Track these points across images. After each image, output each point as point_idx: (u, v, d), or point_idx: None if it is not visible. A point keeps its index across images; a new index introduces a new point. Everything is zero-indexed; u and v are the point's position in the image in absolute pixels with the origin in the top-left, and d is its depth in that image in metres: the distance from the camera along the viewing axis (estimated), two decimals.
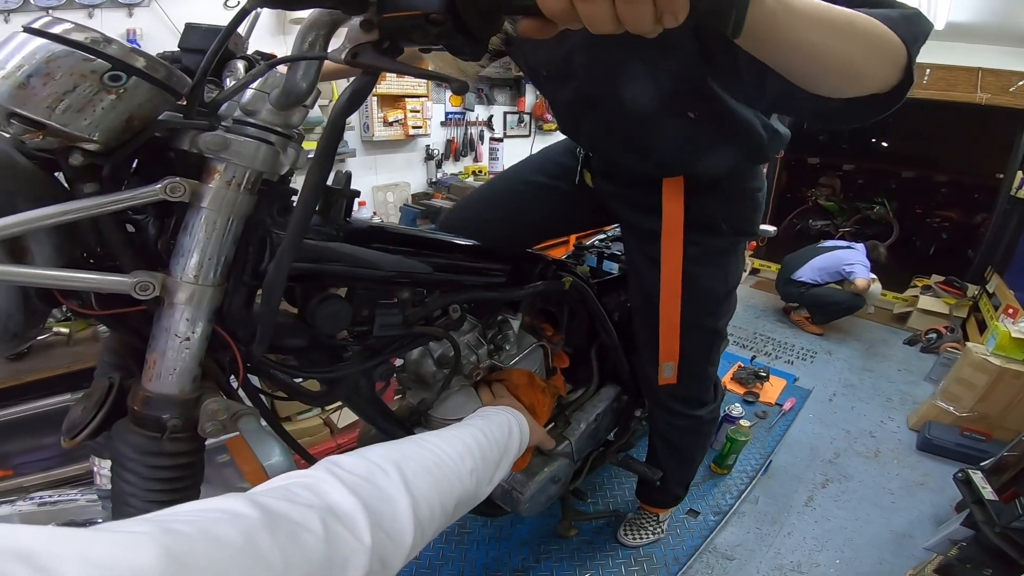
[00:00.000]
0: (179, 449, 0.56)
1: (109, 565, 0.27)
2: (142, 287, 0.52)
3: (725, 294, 1.19)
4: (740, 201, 1.09)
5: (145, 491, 0.55)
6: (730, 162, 1.00)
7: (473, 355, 1.00)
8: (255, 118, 0.57)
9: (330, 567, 0.40)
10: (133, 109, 0.47)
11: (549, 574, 1.64)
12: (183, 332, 0.55)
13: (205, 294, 0.55)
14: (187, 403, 0.56)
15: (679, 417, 1.37)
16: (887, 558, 1.76)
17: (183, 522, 0.34)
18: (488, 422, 0.79)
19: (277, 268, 0.56)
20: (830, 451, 2.32)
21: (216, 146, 0.52)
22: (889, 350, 3.37)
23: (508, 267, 1.04)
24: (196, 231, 0.54)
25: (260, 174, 0.57)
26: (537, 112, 3.98)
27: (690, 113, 0.88)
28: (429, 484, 0.56)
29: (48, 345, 1.61)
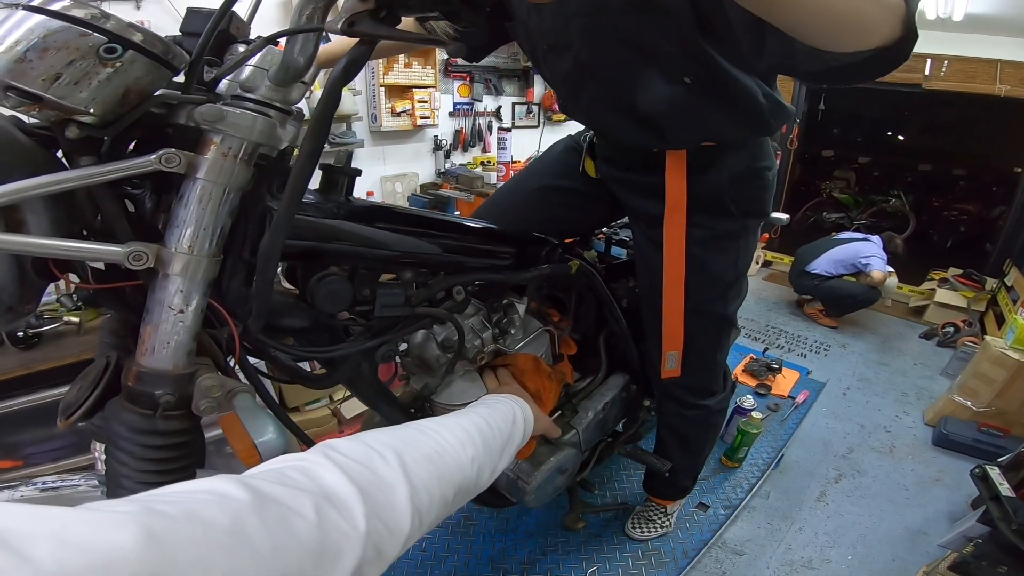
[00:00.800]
0: (173, 427, 0.55)
1: (83, 545, 0.26)
2: (135, 257, 0.51)
3: (735, 279, 1.16)
4: (747, 180, 1.06)
5: (138, 471, 0.54)
6: (730, 130, 0.97)
7: (477, 339, 0.98)
8: (254, 94, 0.57)
9: (322, 554, 0.38)
10: (129, 83, 0.47)
11: (555, 567, 1.62)
12: (177, 304, 0.54)
13: (200, 265, 0.54)
14: (181, 379, 0.55)
15: (687, 407, 1.34)
16: (901, 555, 1.73)
17: (168, 503, 0.33)
18: (491, 409, 0.77)
19: (272, 238, 0.55)
20: (844, 446, 2.28)
21: (211, 117, 0.52)
22: (905, 344, 3.31)
23: (513, 250, 1.02)
24: (191, 202, 0.53)
25: (257, 146, 0.56)
26: (546, 103, 3.95)
27: (686, 78, 0.87)
28: (428, 472, 0.54)
29: (59, 334, 1.63)
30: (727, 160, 1.03)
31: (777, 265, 4.55)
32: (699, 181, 1.03)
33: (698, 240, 1.07)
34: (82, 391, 0.58)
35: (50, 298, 1.71)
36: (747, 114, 0.93)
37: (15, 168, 0.46)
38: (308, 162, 0.53)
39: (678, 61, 0.85)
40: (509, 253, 1.02)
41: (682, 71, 0.86)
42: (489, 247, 0.98)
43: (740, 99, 0.90)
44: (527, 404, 0.86)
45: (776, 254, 4.61)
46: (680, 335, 1.16)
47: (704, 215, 1.06)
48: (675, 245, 1.07)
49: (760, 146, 1.07)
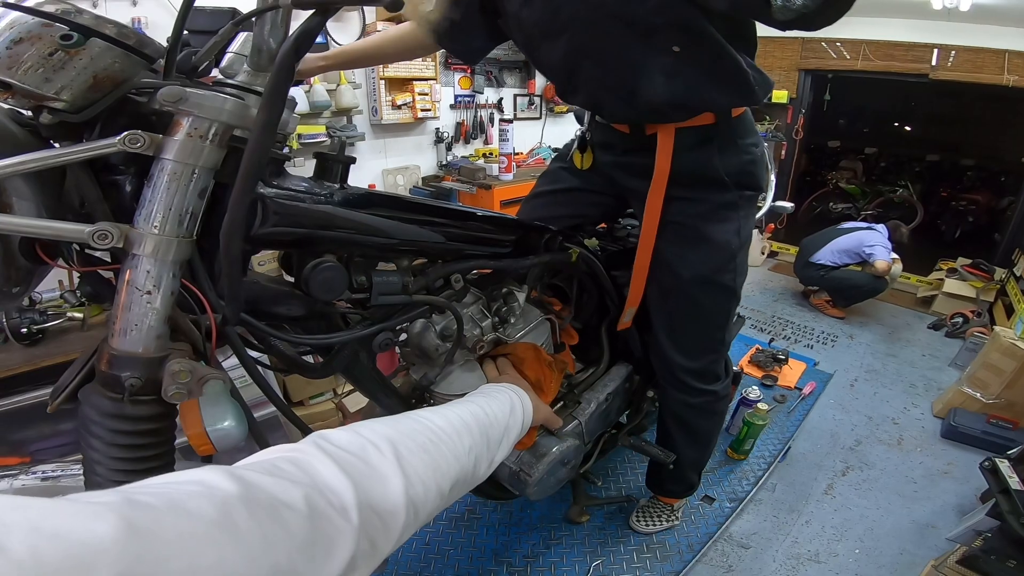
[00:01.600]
0: (141, 413, 0.54)
1: (60, 536, 0.24)
2: (100, 235, 0.50)
3: (739, 247, 1.19)
4: (736, 154, 1.10)
5: (110, 458, 0.53)
6: (719, 97, 1.01)
7: (477, 328, 0.97)
8: (234, 80, 0.58)
9: (313, 547, 0.37)
10: (98, 71, 0.49)
11: (559, 560, 1.62)
12: (145, 285, 0.53)
13: (170, 246, 0.53)
14: (150, 363, 0.54)
15: (693, 394, 1.33)
16: (908, 548, 1.71)
17: (153, 494, 0.31)
18: (488, 399, 0.75)
19: (231, 214, 0.54)
20: (851, 438, 2.26)
21: (172, 97, 0.52)
22: (913, 335, 3.28)
23: (513, 237, 1.00)
24: (159, 182, 0.53)
25: (229, 127, 0.56)
26: (548, 94, 3.93)
27: (674, 47, 0.90)
28: (424, 463, 0.53)
29: (62, 330, 1.63)
30: (714, 138, 1.07)
31: (783, 255, 4.53)
32: (691, 158, 1.08)
33: (698, 213, 1.12)
34: (69, 375, 0.57)
35: (54, 294, 1.71)
36: (733, 81, 0.96)
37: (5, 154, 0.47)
38: (262, 135, 0.52)
39: (665, 32, 0.88)
40: (508, 241, 1.00)
41: (670, 40, 0.89)
42: (488, 235, 0.97)
43: (726, 66, 0.94)
44: (526, 394, 0.85)
45: (781, 244, 4.59)
46: (640, 293, 1.23)
47: (700, 189, 1.11)
48: (652, 215, 1.12)
49: (744, 123, 1.12)
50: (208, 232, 0.58)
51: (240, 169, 0.53)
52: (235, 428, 0.50)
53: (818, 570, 1.63)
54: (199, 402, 0.52)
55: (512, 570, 1.59)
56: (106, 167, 0.56)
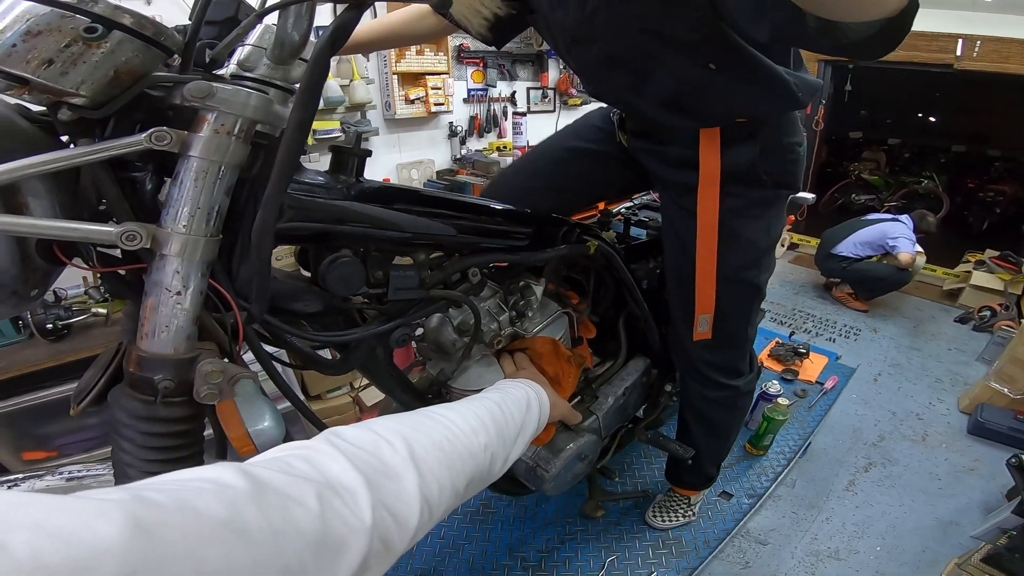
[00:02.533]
0: (174, 414, 0.54)
1: (63, 535, 0.24)
2: (128, 236, 0.49)
3: (768, 246, 1.17)
4: (779, 154, 1.07)
5: (142, 460, 0.53)
6: (761, 107, 0.98)
7: (494, 322, 0.96)
8: (253, 73, 0.56)
9: (324, 546, 0.36)
10: (118, 65, 0.47)
11: (574, 555, 1.61)
12: (175, 286, 0.52)
13: (198, 245, 0.53)
14: (181, 364, 0.53)
15: (714, 388, 1.31)
16: (931, 546, 1.68)
17: (161, 491, 0.31)
18: (505, 395, 0.74)
19: (263, 214, 0.53)
20: (874, 433, 2.21)
21: (200, 93, 0.50)
22: (939, 328, 3.19)
23: (530, 230, 0.99)
24: (186, 180, 0.52)
25: (253, 123, 0.55)
26: (561, 87, 3.90)
27: (711, 64, 0.86)
28: (439, 460, 0.52)
29: (87, 326, 1.65)
30: (759, 134, 1.04)
31: (803, 247, 4.45)
32: (732, 153, 1.04)
33: (732, 208, 1.09)
34: (92, 377, 0.57)
35: (78, 290, 1.74)
36: (775, 91, 0.92)
37: (15, 152, 0.46)
38: (296, 134, 0.51)
39: (701, 48, 0.84)
40: (526, 233, 0.99)
41: (706, 58, 0.85)
42: (505, 227, 0.95)
43: (766, 79, 0.89)
44: (543, 389, 0.84)
45: (802, 236, 4.51)
46: (712, 299, 1.17)
47: (739, 185, 1.07)
48: (709, 216, 1.08)
49: (790, 122, 1.08)
50: (226, 229, 0.58)
51: (274, 169, 0.52)
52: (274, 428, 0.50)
53: (837, 567, 1.61)
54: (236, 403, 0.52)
55: (527, 565, 1.58)
56: (121, 164, 0.55)
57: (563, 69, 3.88)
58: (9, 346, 1.56)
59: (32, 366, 1.49)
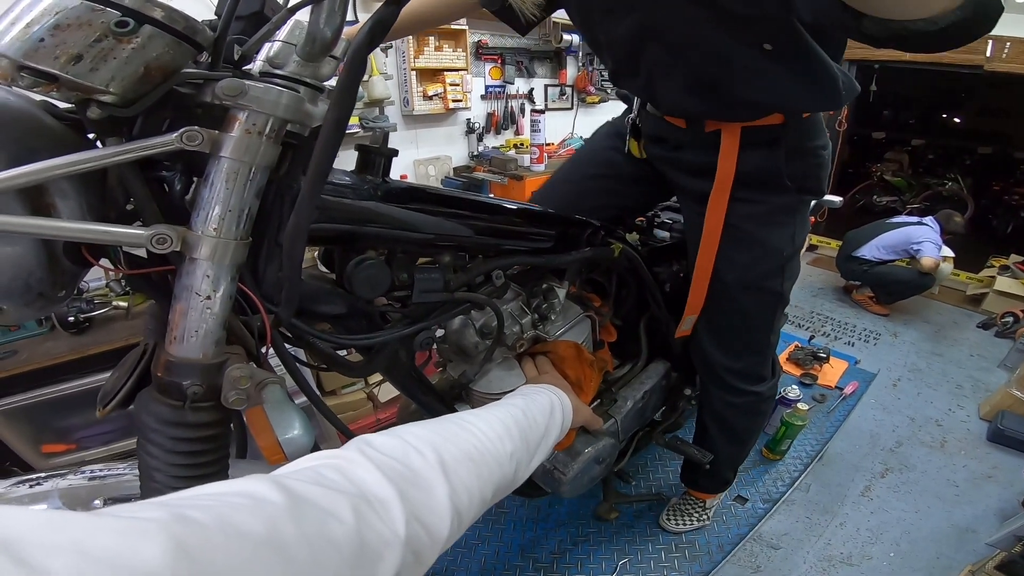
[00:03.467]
0: (202, 419, 0.53)
1: (107, 559, 0.23)
2: (159, 240, 0.49)
3: (791, 254, 1.13)
4: (803, 157, 1.03)
5: (169, 465, 0.53)
6: (803, 101, 0.93)
7: (516, 325, 0.95)
8: (283, 70, 0.54)
9: (360, 561, 0.35)
10: (149, 60, 0.45)
11: (586, 557, 1.61)
12: (204, 290, 0.51)
13: (228, 248, 0.52)
14: (210, 369, 0.53)
15: (736, 394, 1.29)
16: (946, 553, 1.65)
17: (200, 507, 0.30)
18: (529, 401, 0.73)
19: (297, 217, 0.52)
20: (892, 439, 2.18)
21: (232, 91, 0.49)
22: (961, 334, 3.13)
23: (554, 232, 0.98)
24: (216, 181, 0.51)
25: (284, 122, 0.53)
26: (579, 85, 3.88)
27: (766, 45, 0.81)
28: (469, 470, 0.51)
29: (108, 319, 1.66)
30: (782, 138, 1.00)
31: (823, 249, 4.39)
32: (755, 158, 1.01)
33: (755, 215, 1.06)
34: (119, 378, 0.57)
35: (100, 283, 1.75)
36: (823, 85, 0.87)
37: (43, 151, 0.45)
38: (333, 134, 0.50)
39: (758, 25, 0.78)
40: (550, 235, 0.97)
41: (762, 36, 0.80)
42: (529, 229, 0.94)
43: (816, 68, 0.84)
44: (566, 395, 0.83)
45: (822, 238, 4.45)
46: (701, 302, 1.17)
47: (761, 191, 1.04)
48: (715, 218, 1.06)
49: (815, 124, 1.04)
50: (252, 230, 0.57)
51: (310, 169, 0.51)
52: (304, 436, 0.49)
53: (850, 573, 1.59)
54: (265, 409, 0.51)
55: (539, 566, 1.58)
56: (149, 164, 0.54)
57: (582, 66, 3.85)
58: (30, 338, 1.57)
59: (53, 359, 1.50)
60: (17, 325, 1.56)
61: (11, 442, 1.53)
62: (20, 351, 1.52)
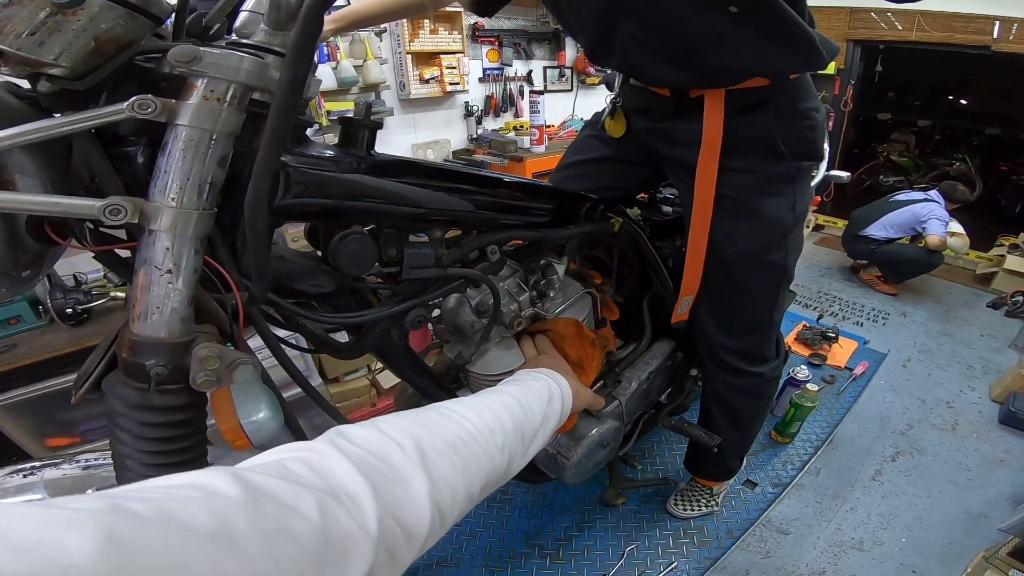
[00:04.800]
0: (169, 403, 0.50)
1: (28, 548, 0.21)
2: (112, 210, 0.45)
3: (792, 224, 1.08)
4: (794, 119, 0.99)
5: (140, 452, 0.50)
6: (780, 63, 0.90)
7: (514, 302, 0.91)
8: (250, 40, 0.53)
9: (325, 558, 0.33)
10: (99, 33, 0.44)
11: (592, 544, 1.59)
12: (164, 264, 0.48)
13: (189, 219, 0.48)
14: (175, 348, 0.49)
15: (737, 375, 1.25)
16: (958, 538, 1.62)
17: (143, 500, 0.28)
18: (525, 388, 0.69)
19: (255, 183, 0.49)
20: (902, 422, 2.14)
21: (184, 57, 0.46)
22: (971, 313, 3.08)
23: (552, 206, 0.94)
24: (174, 150, 0.48)
25: (248, 89, 0.50)
26: (579, 66, 3.83)
27: (731, 7, 0.78)
28: (452, 463, 0.48)
29: (106, 310, 1.65)
30: (771, 101, 0.97)
31: (829, 229, 4.36)
32: (744, 123, 0.97)
33: (749, 185, 1.01)
34: (91, 362, 0.54)
35: (98, 274, 1.74)
36: (797, 44, 0.85)
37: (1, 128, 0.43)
38: (288, 94, 0.46)
39: None
40: (547, 209, 0.94)
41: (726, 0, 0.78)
42: (526, 203, 0.90)
43: (788, 28, 0.82)
44: (566, 379, 0.79)
45: (828, 217, 4.42)
46: (698, 281, 1.13)
47: (753, 158, 1.00)
48: (705, 188, 1.02)
49: (804, 86, 1.01)
50: (227, 205, 0.54)
51: (265, 132, 0.47)
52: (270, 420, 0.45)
53: (860, 558, 1.56)
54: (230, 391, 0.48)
55: (544, 553, 1.56)
56: (116, 139, 0.52)
57: (580, 49, 3.79)
58: (30, 331, 1.56)
59: (53, 351, 1.49)
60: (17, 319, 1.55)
61: (15, 436, 1.52)
62: (19, 344, 1.51)
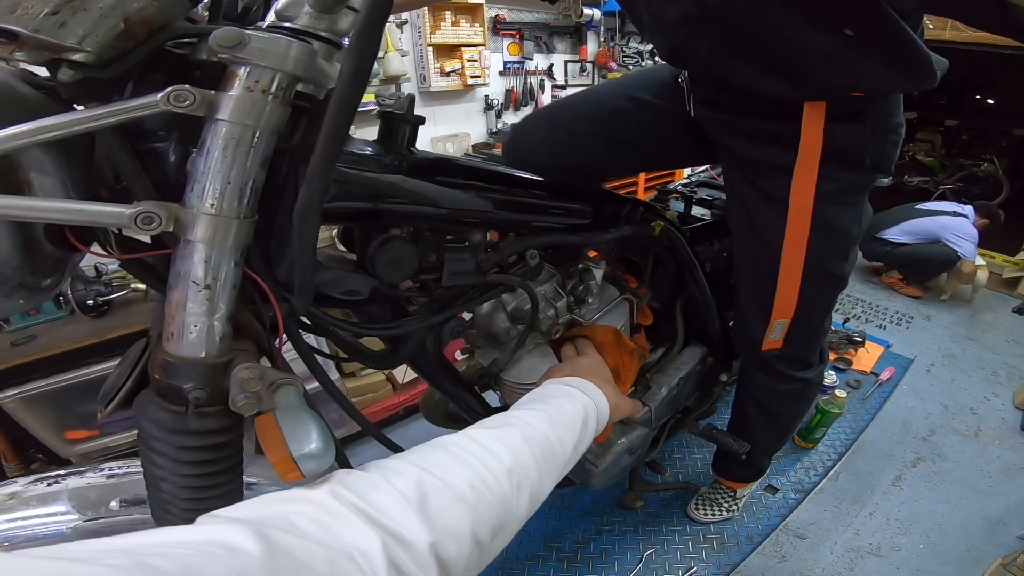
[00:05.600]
0: (208, 427, 0.46)
1: None
2: (144, 219, 0.41)
3: (858, 236, 1.04)
4: (883, 134, 0.94)
5: (176, 475, 0.46)
6: (891, 82, 0.83)
7: (551, 308, 0.88)
8: (293, 23, 0.46)
9: None
10: (130, 14, 0.39)
11: (611, 547, 1.57)
12: (202, 278, 0.44)
13: (229, 228, 0.44)
14: (214, 369, 0.45)
15: (783, 380, 1.22)
16: (976, 545, 1.59)
17: (167, 556, 0.28)
18: (555, 413, 0.62)
19: (309, 190, 0.44)
20: (924, 427, 2.09)
21: (228, 42, 0.41)
22: (996, 318, 3.01)
23: (591, 209, 0.90)
24: (213, 149, 0.43)
25: (294, 80, 0.45)
26: (600, 60, 3.77)
27: (847, 31, 0.72)
28: (458, 514, 0.44)
29: (127, 301, 1.65)
30: (868, 113, 0.90)
31: None
32: (841, 131, 0.90)
33: (824, 194, 0.95)
34: (120, 375, 0.50)
35: (116, 264, 1.73)
36: (910, 65, 0.79)
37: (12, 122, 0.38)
38: (350, 88, 0.40)
39: (838, 9, 0.71)
40: (587, 212, 0.90)
41: (843, 21, 0.71)
42: (565, 205, 0.87)
43: (905, 50, 0.76)
44: (604, 390, 0.72)
45: None
46: (794, 302, 1.05)
47: (836, 167, 0.94)
48: (802, 201, 0.95)
49: (897, 99, 0.95)
50: (262, 208, 0.49)
51: (323, 132, 0.42)
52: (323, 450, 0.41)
53: (877, 564, 1.53)
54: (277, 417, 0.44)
55: (562, 556, 1.55)
56: (142, 134, 0.46)
57: (603, 41, 3.73)
58: (50, 322, 1.56)
59: (74, 343, 1.48)
60: (36, 310, 1.55)
61: (35, 429, 1.52)
62: (39, 336, 1.51)
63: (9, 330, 1.52)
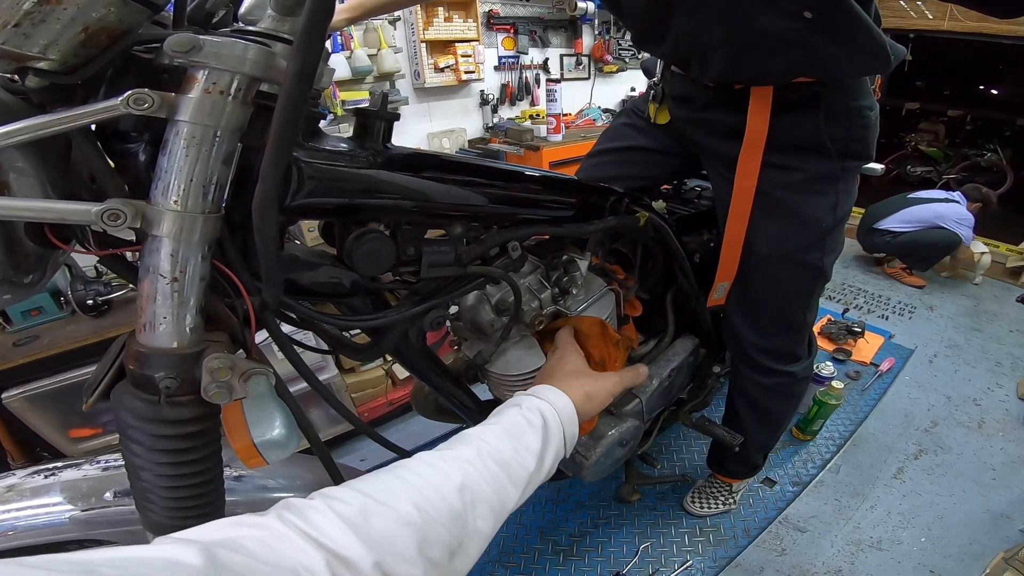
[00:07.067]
0: (181, 415, 0.47)
1: None
2: (111, 215, 0.42)
3: (832, 226, 1.04)
4: (845, 119, 0.95)
5: (154, 464, 0.48)
6: (846, 67, 0.86)
7: (535, 300, 0.88)
8: (256, 27, 0.49)
9: None
10: (89, 22, 0.40)
11: (607, 540, 1.58)
12: (169, 271, 0.45)
13: (195, 223, 0.45)
14: (186, 359, 0.47)
15: (768, 374, 1.22)
16: (979, 538, 1.58)
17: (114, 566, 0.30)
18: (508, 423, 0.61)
19: (263, 183, 0.45)
20: (927, 419, 2.09)
21: (182, 46, 0.42)
22: (1000, 308, 2.99)
23: (575, 200, 0.90)
24: (175, 149, 0.44)
25: (254, 80, 0.47)
26: (596, 54, 3.74)
27: (806, 13, 0.74)
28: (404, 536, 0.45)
29: (127, 300, 1.66)
30: (823, 97, 0.92)
31: (854, 219, 4.23)
32: (792, 120, 0.93)
33: (790, 183, 0.98)
34: (101, 369, 0.52)
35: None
36: (867, 50, 0.81)
37: None
38: (297, 85, 0.42)
39: None
40: (570, 204, 0.90)
41: (802, 2, 0.73)
42: (548, 197, 0.87)
43: (861, 35, 0.78)
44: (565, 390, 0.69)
45: (856, 208, 4.28)
46: (735, 268, 1.10)
47: (797, 155, 0.96)
48: (746, 180, 0.99)
49: (859, 83, 0.96)
50: (238, 203, 0.51)
51: (272, 127, 0.44)
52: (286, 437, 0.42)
53: (878, 557, 1.54)
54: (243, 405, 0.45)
55: (558, 549, 1.56)
56: (117, 136, 0.49)
57: (598, 35, 3.71)
58: (51, 322, 1.57)
59: (75, 342, 1.50)
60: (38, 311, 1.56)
61: (39, 427, 1.54)
62: (41, 336, 1.52)
63: (12, 331, 1.54)
